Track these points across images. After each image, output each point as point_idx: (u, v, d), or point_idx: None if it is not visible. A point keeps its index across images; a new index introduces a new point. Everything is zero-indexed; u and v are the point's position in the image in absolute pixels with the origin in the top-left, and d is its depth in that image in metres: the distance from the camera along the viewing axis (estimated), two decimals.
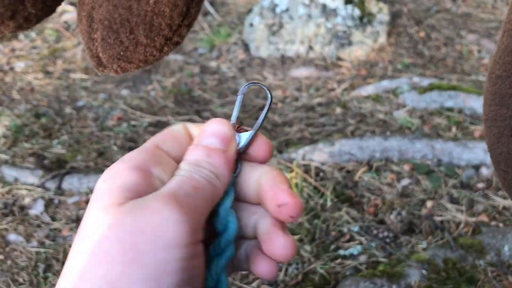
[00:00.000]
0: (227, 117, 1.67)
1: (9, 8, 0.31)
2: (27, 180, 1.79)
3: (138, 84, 2.54)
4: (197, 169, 0.31)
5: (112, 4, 0.31)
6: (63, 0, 0.36)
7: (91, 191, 1.74)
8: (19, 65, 2.66)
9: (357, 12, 2.53)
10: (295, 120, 2.14)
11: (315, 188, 1.68)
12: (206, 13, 3.12)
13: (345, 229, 1.54)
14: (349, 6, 2.52)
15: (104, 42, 0.31)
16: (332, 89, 2.34)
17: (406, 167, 1.75)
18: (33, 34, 2.90)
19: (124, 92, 2.46)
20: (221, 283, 0.31)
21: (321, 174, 1.75)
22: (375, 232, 1.54)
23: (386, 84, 2.26)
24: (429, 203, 1.62)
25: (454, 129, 1.92)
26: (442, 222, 1.57)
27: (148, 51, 0.33)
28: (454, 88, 2.10)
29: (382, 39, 2.57)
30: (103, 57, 0.33)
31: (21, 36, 2.88)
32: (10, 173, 1.80)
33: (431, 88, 2.14)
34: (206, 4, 3.19)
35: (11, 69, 2.64)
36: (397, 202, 1.64)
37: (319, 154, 1.80)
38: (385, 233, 1.52)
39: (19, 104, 2.32)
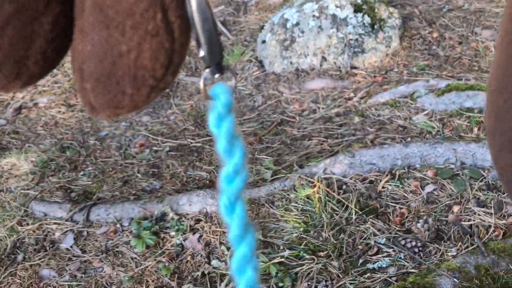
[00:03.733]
0: (246, 135, 1.66)
1: (14, 71, 0.34)
2: (56, 215, 1.83)
3: (157, 109, 2.58)
4: None
5: (98, 59, 0.33)
6: (64, 55, 0.39)
7: (118, 221, 1.77)
8: (42, 101, 2.73)
9: (367, 19, 2.53)
10: (314, 132, 2.14)
11: (339, 201, 1.68)
12: (219, 34, 3.16)
13: (372, 242, 1.53)
14: (359, 14, 2.52)
15: (94, 92, 0.34)
16: (349, 98, 2.33)
17: (430, 173, 1.73)
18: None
19: (145, 118, 2.50)
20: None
21: (344, 187, 1.75)
22: (402, 242, 1.52)
23: (403, 89, 2.24)
24: (455, 208, 1.60)
25: (475, 129, 1.89)
26: (470, 227, 1.54)
27: (135, 98, 0.35)
28: (472, 87, 2.07)
29: (395, 43, 2.55)
30: (95, 105, 0.36)
31: None
32: (39, 208, 1.85)
33: (449, 89, 2.11)
34: (218, 24, 3.23)
35: (35, 105, 2.71)
36: (423, 210, 1.62)
37: (340, 167, 1.79)
38: (413, 243, 1.51)
39: (44, 139, 2.38)
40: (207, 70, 0.35)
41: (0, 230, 1.78)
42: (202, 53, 0.34)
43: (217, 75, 0.35)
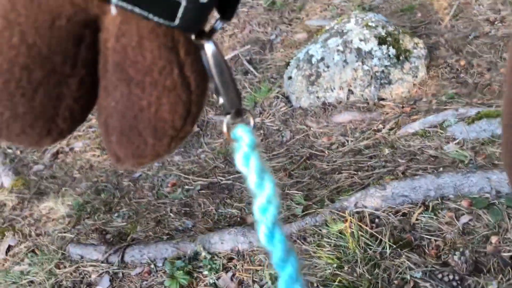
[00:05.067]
0: (275, 170, 1.66)
1: (45, 129, 0.37)
2: (92, 257, 1.86)
3: (188, 149, 2.63)
4: None
5: (121, 114, 0.35)
6: (90, 111, 0.41)
7: (152, 261, 1.79)
8: (78, 145, 2.82)
9: (392, 50, 2.54)
10: (344, 166, 2.13)
11: (372, 235, 1.65)
12: (246, 72, 3.22)
13: (408, 276, 1.50)
14: (384, 46, 2.54)
15: (118, 143, 0.37)
16: (378, 130, 2.32)
17: (464, 203, 1.69)
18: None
19: (177, 158, 2.55)
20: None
21: (376, 220, 1.72)
22: (440, 276, 1.48)
23: (432, 118, 2.22)
24: (493, 239, 1.55)
25: None
26: (511, 258, 1.49)
27: (157, 148, 0.37)
28: None
29: (422, 73, 2.55)
30: (120, 155, 0.38)
31: None
32: (75, 251, 1.89)
33: (479, 117, 2.08)
34: (245, 63, 3.29)
35: (71, 149, 2.81)
36: (459, 242, 1.58)
37: (371, 200, 1.78)
38: (451, 276, 1.46)
39: (80, 182, 2.45)
40: (228, 116, 0.38)
41: (39, 274, 1.82)
42: (221, 101, 0.37)
43: (237, 119, 0.38)
